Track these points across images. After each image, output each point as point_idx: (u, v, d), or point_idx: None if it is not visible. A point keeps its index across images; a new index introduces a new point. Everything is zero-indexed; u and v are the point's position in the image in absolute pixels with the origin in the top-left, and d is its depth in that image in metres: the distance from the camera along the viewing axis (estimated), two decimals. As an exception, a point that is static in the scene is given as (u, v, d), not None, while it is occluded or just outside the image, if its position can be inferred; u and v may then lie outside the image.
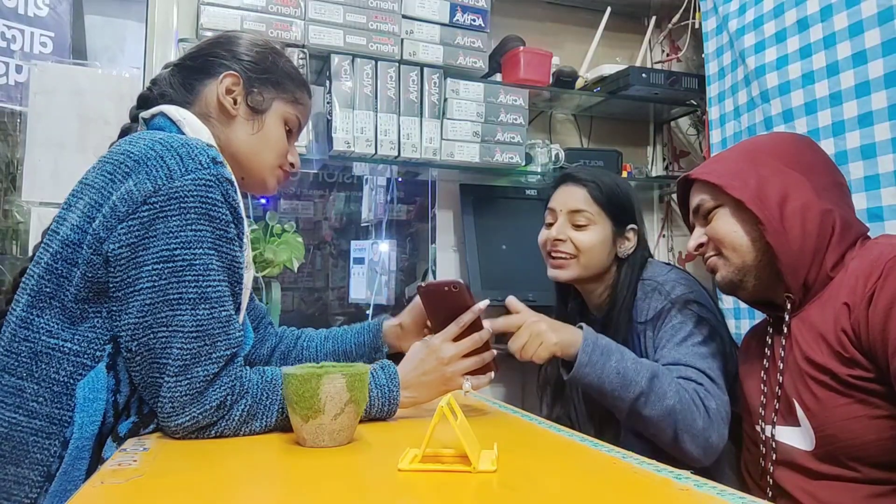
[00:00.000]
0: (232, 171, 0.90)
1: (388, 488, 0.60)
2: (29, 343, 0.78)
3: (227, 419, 0.77)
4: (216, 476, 0.64)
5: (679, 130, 2.35)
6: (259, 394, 0.80)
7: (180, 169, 0.77)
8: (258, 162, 0.98)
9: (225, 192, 0.80)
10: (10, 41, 1.51)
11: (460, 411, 0.66)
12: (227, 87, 0.94)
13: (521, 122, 1.85)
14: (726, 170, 1.03)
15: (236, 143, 0.95)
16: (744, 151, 1.05)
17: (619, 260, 1.28)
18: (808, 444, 0.94)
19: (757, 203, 0.97)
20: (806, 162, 1.00)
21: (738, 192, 0.98)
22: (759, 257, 1.00)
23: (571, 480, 0.64)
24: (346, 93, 1.66)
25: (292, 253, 1.62)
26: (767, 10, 1.54)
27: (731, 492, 0.57)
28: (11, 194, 1.53)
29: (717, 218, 1.03)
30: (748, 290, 1.03)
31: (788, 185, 0.97)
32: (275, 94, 0.97)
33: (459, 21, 1.78)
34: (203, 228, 0.77)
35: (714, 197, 1.04)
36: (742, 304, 1.66)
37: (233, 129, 0.95)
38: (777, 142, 1.05)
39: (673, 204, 2.32)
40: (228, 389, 0.77)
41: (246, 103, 0.95)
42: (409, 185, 2.23)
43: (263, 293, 1.62)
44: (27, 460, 0.76)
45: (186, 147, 0.79)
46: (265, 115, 0.97)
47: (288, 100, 0.99)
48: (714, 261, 1.06)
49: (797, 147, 1.03)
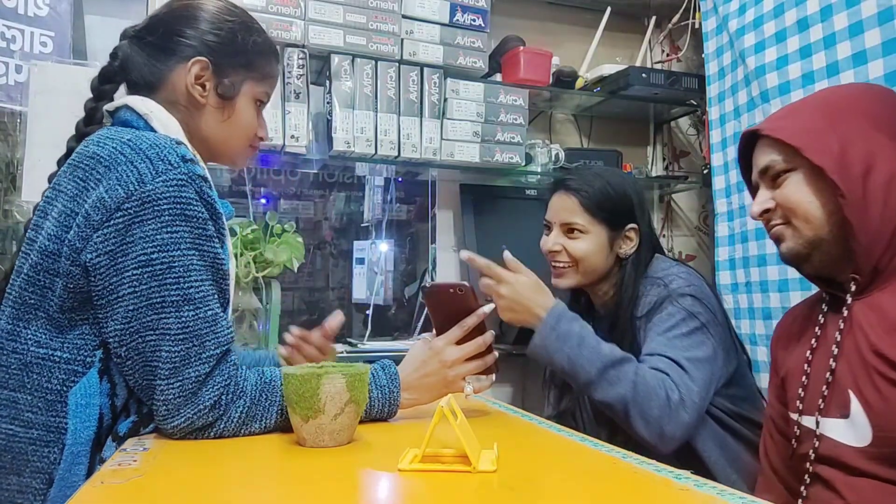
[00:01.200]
0: (201, 153, 0.89)
1: (388, 488, 0.60)
2: (18, 355, 0.77)
3: (225, 420, 0.77)
4: (216, 476, 0.64)
5: (679, 130, 2.35)
6: (257, 395, 0.80)
7: (151, 172, 0.76)
8: (229, 146, 0.96)
9: (199, 190, 0.78)
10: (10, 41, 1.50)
11: (460, 411, 0.66)
12: (195, 76, 0.90)
13: (521, 122, 1.85)
14: (802, 128, 0.89)
15: (206, 130, 0.93)
16: (822, 106, 0.91)
17: (623, 259, 1.28)
18: (860, 441, 0.86)
19: (840, 171, 0.84)
20: (894, 122, 0.88)
21: (819, 158, 0.86)
22: (833, 231, 0.89)
23: (571, 480, 0.64)
24: (346, 93, 1.66)
25: (292, 253, 1.62)
26: (767, 10, 1.54)
27: (731, 492, 0.56)
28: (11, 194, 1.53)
29: (789, 183, 0.91)
30: (814, 264, 0.93)
31: (874, 151, 0.85)
32: (245, 75, 0.94)
33: (459, 21, 1.78)
34: (180, 229, 0.76)
35: (787, 159, 0.91)
36: (742, 303, 1.66)
37: (202, 116, 0.92)
38: (860, 96, 0.92)
39: (674, 204, 2.32)
40: (222, 389, 0.76)
41: (216, 92, 0.92)
42: (409, 185, 2.23)
43: (263, 293, 1.62)
44: (28, 469, 0.76)
45: (155, 148, 0.77)
46: (235, 100, 0.94)
47: (258, 78, 0.95)
48: (781, 230, 0.94)
49: (884, 103, 0.90)
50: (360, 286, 2.22)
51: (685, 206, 2.33)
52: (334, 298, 2.53)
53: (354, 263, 2.28)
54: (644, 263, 1.28)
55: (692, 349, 1.12)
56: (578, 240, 1.27)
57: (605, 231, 1.27)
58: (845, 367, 0.87)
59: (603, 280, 1.30)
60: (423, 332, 2.00)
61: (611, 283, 1.30)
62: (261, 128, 0.99)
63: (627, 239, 1.28)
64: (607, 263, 1.28)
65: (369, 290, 2.10)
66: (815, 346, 0.93)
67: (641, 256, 1.28)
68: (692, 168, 2.30)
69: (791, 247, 0.93)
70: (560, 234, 1.29)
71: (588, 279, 1.29)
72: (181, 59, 0.90)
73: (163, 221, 0.75)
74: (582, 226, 1.26)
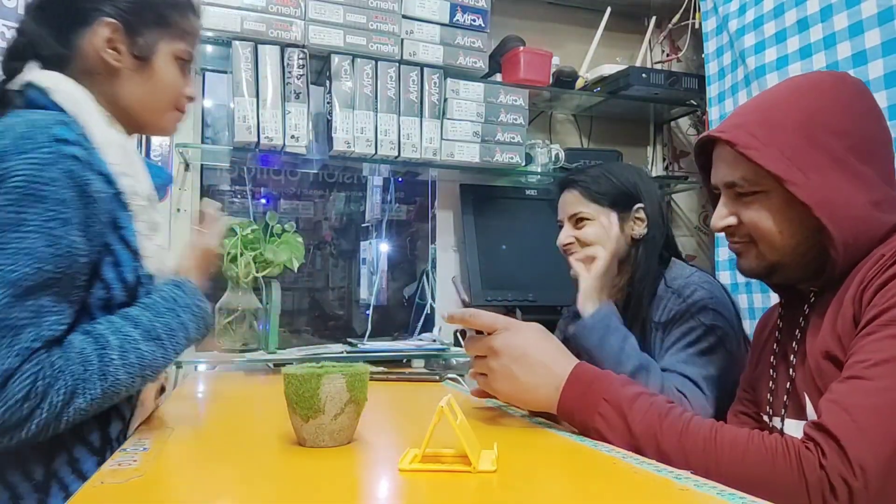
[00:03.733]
0: (126, 124, 0.87)
1: (388, 488, 0.60)
2: None
3: (46, 407, 0.70)
4: (216, 476, 0.64)
5: (679, 130, 2.35)
6: (78, 368, 0.72)
7: (14, 149, 0.72)
8: (153, 111, 0.92)
9: (67, 171, 0.74)
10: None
11: (460, 411, 0.66)
12: (105, 39, 0.85)
13: (521, 122, 1.85)
14: (780, 150, 0.80)
15: (125, 97, 0.88)
16: (800, 123, 0.81)
17: (636, 242, 1.28)
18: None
19: (826, 210, 0.78)
20: (867, 138, 0.82)
21: (805, 193, 0.79)
22: (800, 254, 0.85)
23: (571, 480, 0.64)
24: (346, 93, 1.66)
25: (292, 253, 1.62)
26: (767, 10, 1.54)
27: (731, 492, 0.56)
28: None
29: (759, 207, 0.84)
30: (772, 280, 0.91)
31: (851, 181, 0.80)
32: (160, 32, 0.89)
33: (459, 21, 1.78)
34: (27, 210, 0.71)
35: (759, 180, 0.83)
36: (742, 303, 1.66)
37: (120, 82, 0.88)
38: (836, 107, 0.83)
39: (674, 204, 2.32)
40: (32, 377, 0.69)
41: (130, 54, 0.87)
42: (409, 185, 2.23)
43: (263, 293, 1.62)
44: None
45: (29, 127, 0.74)
46: (153, 60, 0.89)
47: (175, 34, 0.90)
48: (743, 248, 0.89)
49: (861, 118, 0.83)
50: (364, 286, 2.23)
51: (685, 206, 2.33)
52: (334, 298, 2.53)
53: (360, 263, 2.28)
54: (658, 245, 1.27)
55: (709, 366, 1.12)
56: (587, 227, 1.27)
57: (613, 214, 1.27)
58: (801, 372, 0.86)
59: (619, 267, 1.28)
60: (423, 332, 2.01)
61: (626, 269, 1.29)
62: (188, 87, 0.95)
63: (638, 220, 1.28)
64: (620, 247, 1.27)
65: (368, 290, 2.10)
66: (776, 350, 0.93)
67: (653, 237, 1.27)
68: (692, 168, 2.30)
69: (751, 266, 0.90)
70: (570, 227, 1.30)
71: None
72: (88, 25, 0.85)
73: (9, 199, 0.71)
74: (588, 213, 1.27)
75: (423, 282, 2.07)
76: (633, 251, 1.28)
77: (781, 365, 0.92)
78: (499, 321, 0.85)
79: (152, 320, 0.80)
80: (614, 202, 1.27)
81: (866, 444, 0.64)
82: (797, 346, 0.88)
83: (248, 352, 1.58)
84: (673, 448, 0.73)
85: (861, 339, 0.72)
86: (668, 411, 0.76)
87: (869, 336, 0.71)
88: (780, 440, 0.69)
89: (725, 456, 0.70)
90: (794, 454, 0.67)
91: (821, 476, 0.64)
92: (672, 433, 0.74)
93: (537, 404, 0.84)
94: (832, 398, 0.69)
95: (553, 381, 0.82)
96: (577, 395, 0.80)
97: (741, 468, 0.69)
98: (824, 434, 0.66)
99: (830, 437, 0.66)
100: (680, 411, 0.77)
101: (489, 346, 0.84)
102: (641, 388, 0.81)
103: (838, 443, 0.65)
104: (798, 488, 0.66)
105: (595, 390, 0.80)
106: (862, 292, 0.76)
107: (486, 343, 0.84)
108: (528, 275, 1.89)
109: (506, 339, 0.83)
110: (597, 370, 0.83)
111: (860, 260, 0.80)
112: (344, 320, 2.50)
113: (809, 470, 0.65)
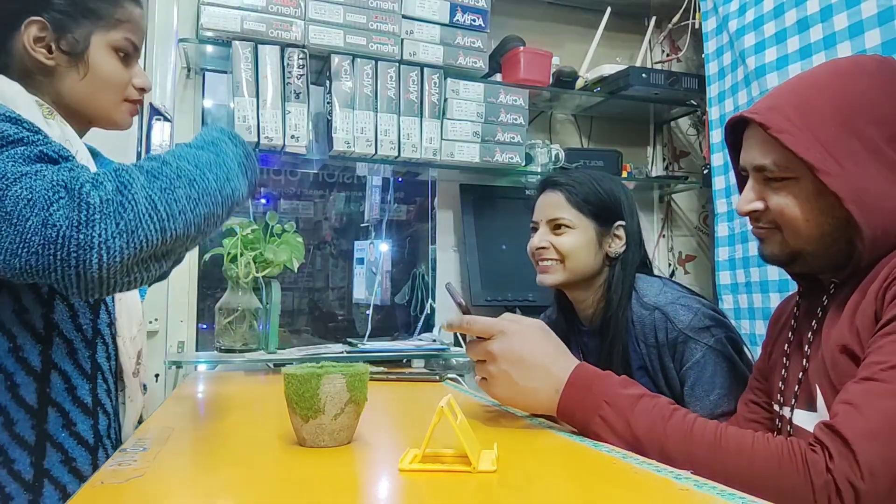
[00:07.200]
0: (74, 122, 0.87)
1: (388, 488, 0.60)
2: None
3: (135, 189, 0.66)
4: (216, 476, 0.64)
5: (679, 130, 2.35)
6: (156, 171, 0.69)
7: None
8: (98, 105, 0.90)
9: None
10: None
11: (460, 411, 0.66)
12: (33, 38, 0.84)
13: (521, 122, 1.85)
14: (815, 136, 0.77)
15: (67, 94, 0.88)
16: (838, 108, 0.78)
17: (611, 260, 1.26)
18: None
19: (857, 203, 0.76)
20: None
21: (837, 184, 0.76)
22: (825, 244, 0.82)
23: (571, 480, 0.64)
24: (346, 93, 1.66)
25: (292, 253, 1.62)
26: (767, 10, 1.54)
27: (732, 492, 0.56)
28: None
29: (787, 193, 0.82)
30: (794, 268, 0.89)
31: (887, 173, 0.77)
32: (90, 26, 0.87)
33: (459, 21, 1.78)
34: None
35: (791, 166, 0.80)
36: (742, 303, 1.67)
37: (58, 80, 0.87)
38: (878, 93, 0.79)
39: (674, 204, 2.32)
40: (108, 177, 0.66)
41: (61, 50, 0.86)
42: (409, 185, 2.23)
43: (263, 293, 1.62)
44: None
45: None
46: (87, 55, 0.87)
47: (108, 25, 0.88)
48: (767, 234, 0.87)
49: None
50: (360, 286, 2.23)
51: (685, 206, 2.33)
52: (334, 298, 2.53)
53: (354, 263, 2.28)
54: (633, 265, 1.25)
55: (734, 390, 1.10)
56: (565, 235, 1.24)
57: (593, 227, 1.24)
58: (815, 363, 0.85)
59: (589, 283, 1.26)
60: (422, 332, 2.01)
61: (598, 286, 1.26)
62: (136, 77, 0.93)
63: (616, 237, 1.25)
64: (595, 262, 1.24)
65: (367, 290, 2.10)
66: (791, 339, 0.92)
67: (630, 257, 1.25)
68: (692, 168, 2.31)
69: (774, 253, 0.88)
70: (547, 230, 1.26)
71: (575, 277, 1.24)
72: (18, 27, 0.84)
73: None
74: (569, 220, 1.24)
75: (417, 286, 2.06)
76: (609, 270, 1.25)
77: (796, 354, 0.90)
78: (495, 326, 0.84)
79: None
80: (596, 214, 1.24)
81: (878, 448, 0.64)
82: (812, 337, 0.87)
83: (248, 352, 1.58)
84: (678, 451, 0.73)
85: (880, 339, 0.71)
86: (672, 413, 0.76)
87: (888, 336, 0.70)
88: (785, 443, 0.69)
89: (731, 459, 0.70)
90: (799, 457, 0.67)
91: (827, 479, 0.64)
92: (676, 436, 0.73)
93: (538, 408, 0.84)
94: (846, 398, 0.69)
95: (552, 383, 0.81)
96: (577, 398, 0.80)
97: (747, 472, 0.69)
98: (834, 436, 0.66)
99: (840, 439, 0.65)
100: (683, 413, 0.77)
101: (487, 351, 0.83)
102: (643, 390, 0.81)
103: (848, 445, 0.64)
104: (804, 491, 0.65)
105: (596, 392, 0.79)
106: (886, 289, 0.74)
107: (484, 348, 0.84)
108: (528, 275, 1.87)
109: (502, 343, 0.83)
110: (597, 370, 0.83)
111: (887, 253, 0.78)
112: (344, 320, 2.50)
113: (816, 473, 0.65)
